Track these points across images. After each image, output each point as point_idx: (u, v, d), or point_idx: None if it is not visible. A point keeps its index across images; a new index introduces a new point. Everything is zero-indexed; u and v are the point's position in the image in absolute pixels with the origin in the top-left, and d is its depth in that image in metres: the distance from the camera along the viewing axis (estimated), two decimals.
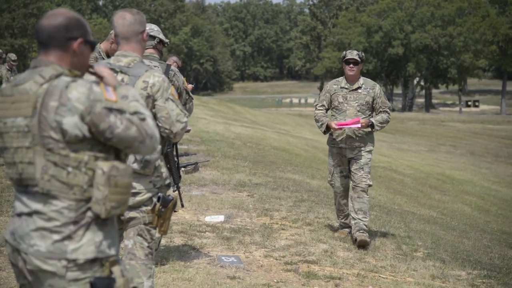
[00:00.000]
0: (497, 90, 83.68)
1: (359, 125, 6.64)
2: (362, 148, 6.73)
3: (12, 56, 12.25)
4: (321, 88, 73.57)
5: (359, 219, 6.61)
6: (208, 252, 5.90)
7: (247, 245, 6.20)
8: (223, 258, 5.72)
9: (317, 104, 6.94)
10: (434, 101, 79.02)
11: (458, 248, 7.21)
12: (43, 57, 2.44)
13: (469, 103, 73.52)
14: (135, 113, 2.37)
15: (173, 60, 9.53)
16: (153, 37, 5.12)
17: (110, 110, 2.33)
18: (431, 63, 67.01)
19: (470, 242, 7.83)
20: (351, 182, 6.79)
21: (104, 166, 2.35)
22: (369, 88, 6.82)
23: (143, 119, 2.38)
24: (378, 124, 6.74)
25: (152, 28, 5.20)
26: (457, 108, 70.66)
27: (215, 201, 7.86)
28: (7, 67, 12.07)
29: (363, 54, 6.87)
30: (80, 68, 2.47)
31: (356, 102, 6.77)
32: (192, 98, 5.38)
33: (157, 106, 3.61)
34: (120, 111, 2.34)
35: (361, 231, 6.52)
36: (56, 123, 2.32)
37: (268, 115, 38.02)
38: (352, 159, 6.75)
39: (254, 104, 68.28)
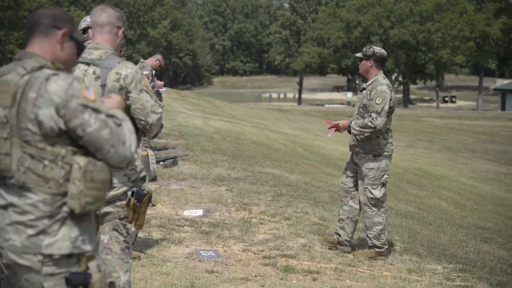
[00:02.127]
0: (474, 86, 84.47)
1: (333, 130, 6.29)
2: (363, 155, 6.14)
3: None
4: (300, 83, 73.65)
5: (366, 236, 6.28)
6: (187, 246, 5.91)
7: (225, 239, 6.21)
8: (201, 252, 5.73)
9: None
10: (412, 96, 79.57)
11: (434, 242, 7.29)
12: (28, 49, 2.45)
13: (446, 99, 74.16)
14: (111, 116, 2.36)
15: (156, 58, 9.48)
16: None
17: (86, 107, 2.32)
18: (409, 58, 67.44)
19: (446, 236, 7.92)
20: None
21: (81, 160, 2.33)
22: (371, 89, 6.14)
23: (119, 125, 2.36)
24: (355, 127, 6.08)
25: (85, 19, 5.17)
26: (435, 104, 71.25)
27: (194, 195, 7.86)
28: None
29: (371, 48, 6.16)
30: (63, 62, 2.46)
31: (358, 104, 6.27)
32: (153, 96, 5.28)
33: (131, 98, 3.60)
34: (96, 111, 2.33)
35: (367, 248, 6.25)
36: (33, 114, 2.31)
37: (247, 109, 38.03)
38: (358, 167, 6.25)
39: (233, 98, 68.22)
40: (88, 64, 3.67)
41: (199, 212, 7.10)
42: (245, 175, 9.68)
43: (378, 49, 6.19)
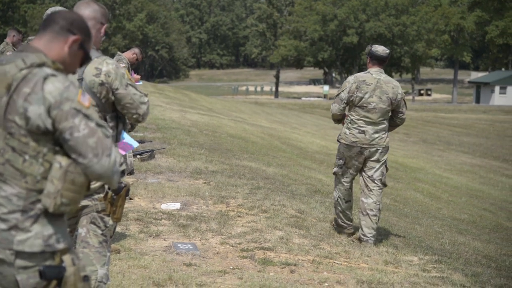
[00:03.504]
0: (449, 79, 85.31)
1: None
2: None
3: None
4: (277, 77, 73.74)
5: None
6: (164, 240, 5.90)
7: (203, 232, 6.21)
8: (179, 245, 5.72)
9: None
10: None
11: (410, 234, 7.36)
12: (34, 43, 2.43)
13: (422, 91, 74.79)
14: (101, 126, 2.35)
15: (133, 52, 9.38)
16: None
17: (78, 112, 2.30)
18: None
19: (422, 228, 8.00)
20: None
21: (62, 160, 2.32)
22: None
23: (107, 136, 2.36)
24: None
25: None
26: (410, 97, 71.77)
27: (171, 188, 7.84)
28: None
29: (369, 46, 6.59)
30: (64, 65, 2.45)
31: None
32: None
33: (120, 95, 3.62)
34: (87, 117, 2.32)
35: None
36: (23, 109, 2.30)
37: (224, 102, 37.98)
38: None
39: (210, 91, 68.11)
40: None
41: (177, 205, 7.09)
42: (223, 168, 9.68)
43: (375, 48, 6.55)
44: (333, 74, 79.20)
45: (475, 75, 73.99)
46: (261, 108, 38.46)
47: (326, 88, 66.09)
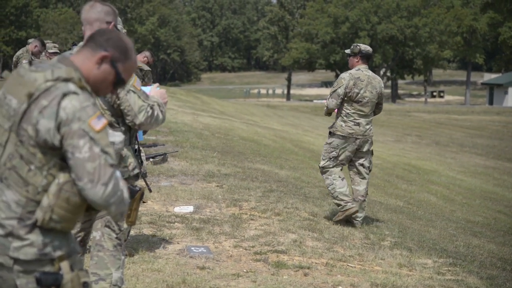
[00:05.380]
0: (462, 81, 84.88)
1: None
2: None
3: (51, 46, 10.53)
4: (289, 79, 73.70)
5: None
6: (178, 243, 5.90)
7: (216, 235, 6.21)
8: (192, 248, 5.72)
9: None
10: (400, 91, 79.83)
11: (424, 237, 7.32)
12: (73, 56, 2.43)
13: (434, 93, 74.45)
14: (106, 153, 2.30)
15: (144, 55, 9.39)
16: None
17: (85, 133, 2.27)
18: (397, 54, 67.63)
19: (436, 231, 7.96)
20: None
21: (62, 177, 2.30)
22: None
23: (109, 165, 2.30)
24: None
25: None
26: (423, 99, 71.51)
27: (184, 191, 7.85)
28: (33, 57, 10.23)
29: (358, 46, 7.14)
30: (92, 83, 2.41)
31: None
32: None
33: (120, 99, 3.63)
34: (94, 141, 2.28)
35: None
36: (35, 120, 2.29)
37: (236, 105, 38.01)
38: None
39: (222, 94, 68.19)
40: None
41: (190, 208, 7.09)
42: (235, 171, 9.67)
43: (364, 47, 7.12)
44: None
45: (488, 77, 73.55)
46: (273, 111, 38.44)
47: None
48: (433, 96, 73.46)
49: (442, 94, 74.70)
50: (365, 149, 7.16)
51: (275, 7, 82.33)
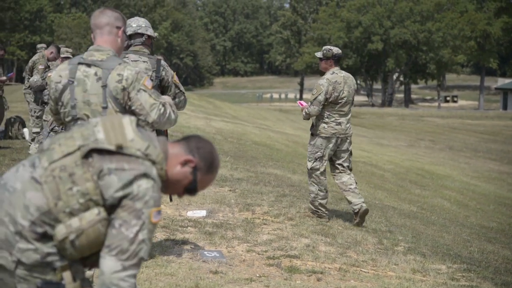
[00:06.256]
0: (475, 86, 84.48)
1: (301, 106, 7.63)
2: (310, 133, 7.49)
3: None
4: (301, 84, 73.69)
5: None
6: (191, 247, 5.90)
7: (229, 240, 6.21)
8: (205, 253, 5.72)
9: None
10: (413, 96, 79.56)
11: (438, 242, 7.28)
12: (171, 145, 2.50)
13: (448, 98, 74.14)
14: (145, 244, 2.32)
15: None
16: (140, 34, 5.26)
17: (142, 218, 2.30)
18: (410, 58, 67.41)
19: (450, 236, 7.91)
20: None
21: (103, 212, 2.31)
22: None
23: (140, 257, 2.32)
24: (303, 111, 7.40)
25: (140, 25, 5.31)
26: (436, 104, 71.21)
27: (197, 196, 7.85)
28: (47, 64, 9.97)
29: (331, 50, 7.29)
30: (166, 181, 2.45)
31: None
32: (184, 93, 5.48)
33: (131, 99, 3.69)
34: (144, 229, 2.31)
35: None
36: (107, 170, 2.33)
37: (248, 110, 38.03)
38: None
39: (234, 99, 68.25)
40: (89, 65, 3.74)
41: (203, 212, 7.10)
42: (248, 175, 9.67)
43: (336, 50, 7.31)
44: (358, 81, 78.86)
45: (502, 82, 73.10)
46: (285, 115, 38.43)
47: None
48: (447, 101, 73.16)
49: (455, 99, 74.38)
50: (344, 147, 7.36)
51: (288, 11, 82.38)
